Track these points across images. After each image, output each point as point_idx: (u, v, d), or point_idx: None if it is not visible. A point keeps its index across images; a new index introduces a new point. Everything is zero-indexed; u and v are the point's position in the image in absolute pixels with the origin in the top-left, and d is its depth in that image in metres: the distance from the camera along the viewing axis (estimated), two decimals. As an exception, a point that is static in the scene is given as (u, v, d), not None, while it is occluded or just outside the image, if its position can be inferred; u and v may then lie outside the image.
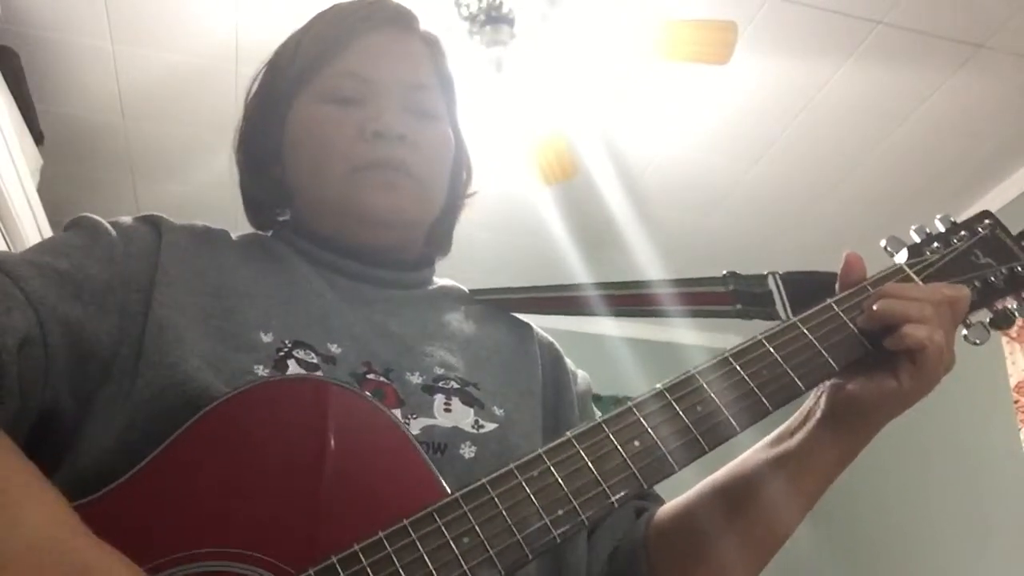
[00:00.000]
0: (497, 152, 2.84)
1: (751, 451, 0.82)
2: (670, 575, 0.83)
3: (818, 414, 0.78)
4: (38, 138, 2.64)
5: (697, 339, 3.63)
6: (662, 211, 3.35)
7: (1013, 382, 3.03)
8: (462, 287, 0.99)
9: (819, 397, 0.79)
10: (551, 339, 0.98)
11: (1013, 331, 3.05)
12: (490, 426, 0.79)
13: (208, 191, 2.71)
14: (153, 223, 0.84)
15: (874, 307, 0.76)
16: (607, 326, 3.68)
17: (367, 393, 0.73)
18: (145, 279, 0.77)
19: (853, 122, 2.94)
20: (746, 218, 3.42)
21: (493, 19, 2.31)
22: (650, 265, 3.14)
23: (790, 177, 3.21)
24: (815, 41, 2.62)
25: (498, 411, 0.81)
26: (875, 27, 2.57)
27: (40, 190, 2.52)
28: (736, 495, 0.81)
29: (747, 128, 2.98)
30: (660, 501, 0.90)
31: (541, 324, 0.99)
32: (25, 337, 0.67)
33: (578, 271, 3.14)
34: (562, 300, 0.95)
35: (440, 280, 0.99)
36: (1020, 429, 2.98)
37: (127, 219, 0.84)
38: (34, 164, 2.59)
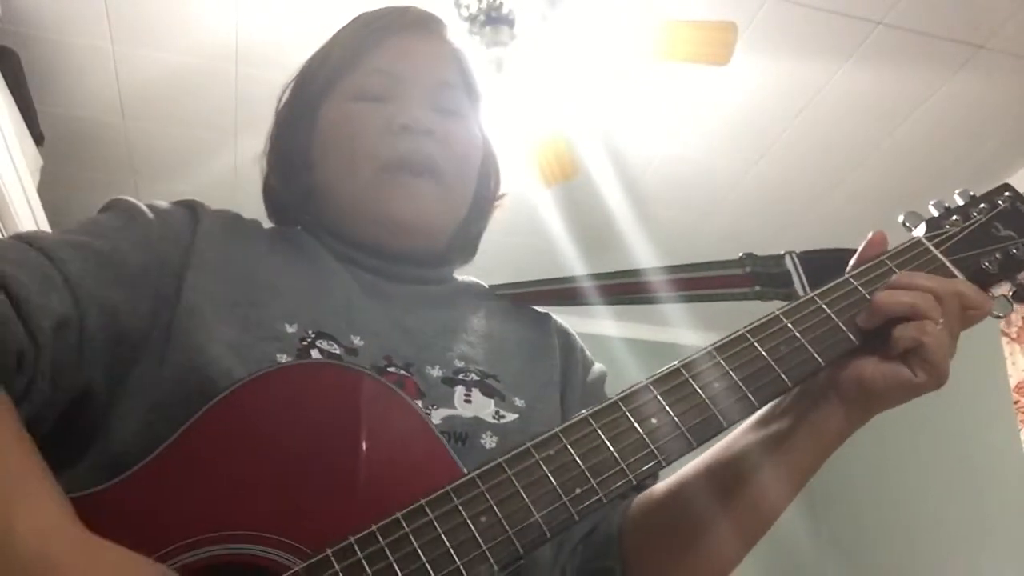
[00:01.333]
0: (497, 153, 2.84)
1: (738, 432, 0.81)
2: (649, 562, 0.82)
3: (818, 392, 0.77)
4: (38, 139, 2.64)
5: (697, 339, 3.63)
6: (662, 211, 3.35)
7: (1013, 382, 3.03)
8: (482, 283, 1.00)
9: (814, 384, 0.77)
10: (567, 327, 0.99)
11: (1013, 332, 3.05)
12: (511, 416, 0.80)
13: (209, 191, 2.71)
14: (190, 207, 0.86)
15: (875, 300, 0.74)
16: (608, 327, 3.68)
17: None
18: (179, 263, 0.78)
19: (853, 122, 2.94)
20: (746, 218, 3.42)
21: (493, 20, 2.31)
22: (650, 266, 3.13)
23: (790, 177, 3.21)
24: (815, 42, 2.62)
25: (519, 402, 0.82)
26: (875, 28, 2.57)
27: (40, 191, 2.52)
28: (725, 477, 0.80)
29: (747, 128, 2.98)
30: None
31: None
32: (61, 320, 0.67)
33: (579, 272, 3.14)
34: (580, 290, 0.95)
35: (461, 277, 1.00)
36: (1020, 430, 2.98)
37: (164, 203, 0.85)
38: (34, 165, 2.59)
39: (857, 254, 0.80)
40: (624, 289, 0.93)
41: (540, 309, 0.98)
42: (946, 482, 3.27)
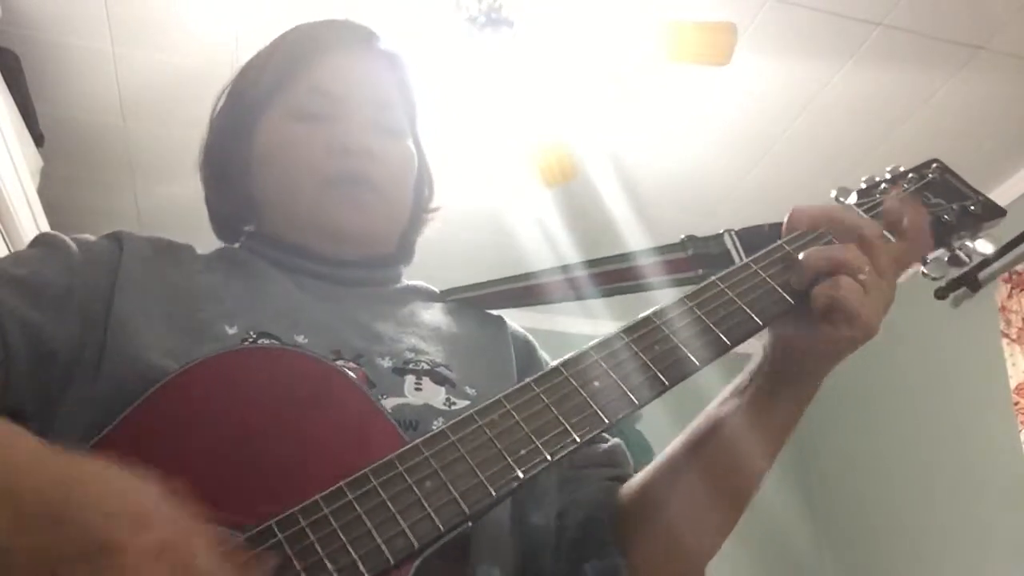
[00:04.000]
0: (497, 155, 2.84)
1: (710, 406, 0.82)
2: (642, 545, 0.82)
3: (764, 367, 0.78)
4: (38, 140, 2.64)
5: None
6: (662, 213, 3.35)
7: (1013, 384, 3.03)
8: (431, 287, 1.01)
9: (763, 350, 0.79)
10: (525, 333, 0.99)
11: (1013, 333, 3.05)
12: (462, 403, 0.80)
13: (208, 193, 2.70)
14: (114, 236, 0.86)
15: (802, 258, 0.75)
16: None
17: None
18: (106, 286, 0.78)
19: (854, 123, 2.94)
20: (746, 219, 3.38)
21: (493, 21, 2.31)
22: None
23: (790, 178, 3.21)
24: (815, 42, 2.62)
25: (470, 390, 0.82)
26: (875, 29, 2.57)
27: (40, 192, 2.52)
28: (696, 454, 0.80)
29: (747, 129, 2.98)
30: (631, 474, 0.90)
31: (518, 324, 0.99)
32: None
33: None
34: (532, 289, 0.95)
35: (409, 280, 1.01)
36: (1020, 431, 2.98)
37: (89, 236, 0.86)
38: (34, 166, 2.59)
39: (784, 229, 0.81)
40: (574, 283, 0.93)
41: (494, 313, 0.98)
42: (946, 483, 3.27)
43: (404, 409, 0.77)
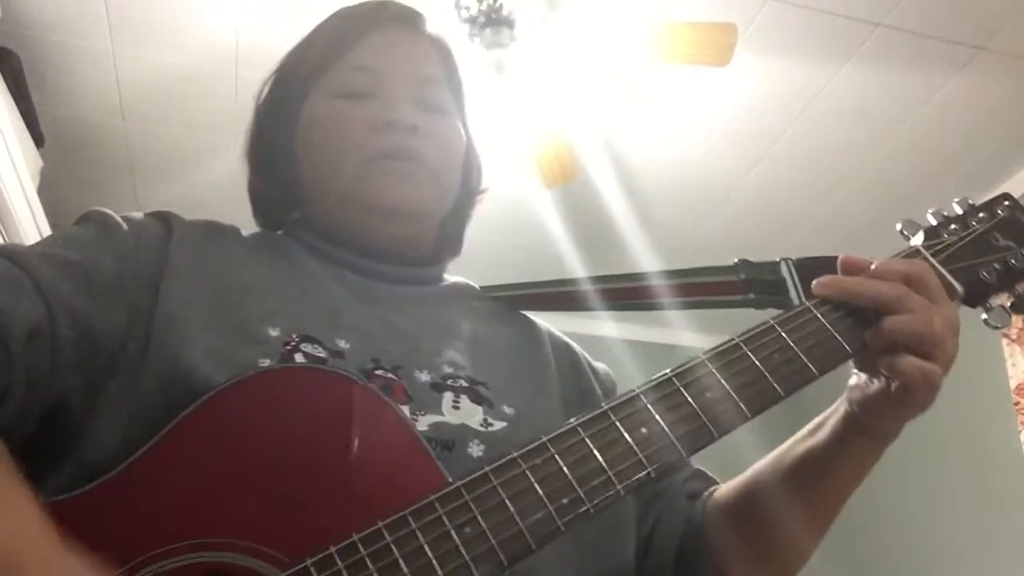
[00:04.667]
0: (498, 154, 2.84)
1: (787, 443, 0.82)
2: (735, 559, 0.83)
3: (842, 410, 0.77)
4: (38, 140, 2.64)
5: (699, 341, 3.62)
6: (663, 213, 3.35)
7: (1013, 384, 3.03)
8: (474, 284, 0.98)
9: (847, 390, 0.77)
10: (565, 339, 0.97)
11: (1013, 333, 3.05)
12: (499, 424, 0.78)
13: (208, 193, 2.71)
14: (164, 218, 0.85)
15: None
16: (608, 328, 3.68)
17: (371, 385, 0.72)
18: (154, 274, 0.77)
19: (853, 124, 2.94)
20: (747, 220, 3.42)
21: (493, 21, 2.31)
22: (651, 267, 3.13)
23: (790, 179, 3.21)
24: (815, 43, 2.62)
25: (508, 410, 0.80)
26: (875, 29, 2.57)
27: (40, 192, 2.52)
28: (767, 491, 0.81)
29: (747, 130, 2.98)
30: (710, 480, 0.90)
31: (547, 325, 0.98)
32: (34, 327, 0.66)
33: (579, 274, 3.13)
34: (573, 295, 0.94)
35: (451, 277, 0.99)
36: (1020, 431, 2.98)
37: (138, 214, 0.84)
38: (34, 166, 2.59)
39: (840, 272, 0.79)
40: (618, 294, 0.92)
41: (534, 319, 0.97)
42: (946, 484, 3.27)
43: (441, 427, 0.75)
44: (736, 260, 0.85)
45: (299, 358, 0.75)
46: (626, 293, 0.92)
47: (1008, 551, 2.98)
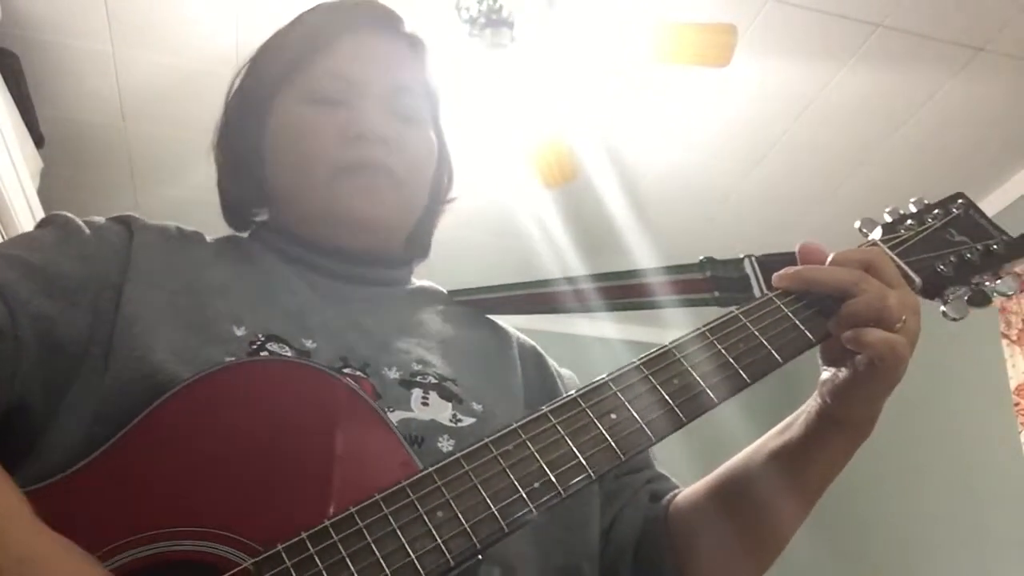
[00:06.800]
0: (497, 155, 2.84)
1: (760, 440, 0.82)
2: (696, 563, 0.83)
3: (814, 404, 0.78)
4: (38, 141, 2.64)
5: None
6: (662, 214, 3.35)
7: (1013, 385, 3.03)
8: (440, 288, 0.98)
9: (818, 386, 0.79)
10: (532, 343, 0.97)
11: (1013, 334, 3.05)
12: (468, 420, 0.79)
13: (209, 194, 2.69)
14: (125, 222, 0.84)
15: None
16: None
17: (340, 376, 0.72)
18: (116, 276, 0.77)
19: (853, 125, 2.94)
20: (747, 221, 3.42)
21: (493, 22, 2.31)
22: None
23: (791, 180, 3.21)
24: (815, 44, 2.62)
25: (476, 406, 0.81)
26: (875, 30, 2.57)
27: (40, 193, 2.52)
28: (739, 486, 0.81)
29: (747, 131, 2.98)
30: (673, 484, 0.90)
31: (526, 324, 0.98)
32: None
33: (578, 275, 3.14)
34: (542, 297, 0.94)
35: (419, 281, 0.99)
36: (1020, 432, 2.98)
37: (100, 219, 0.84)
38: (34, 167, 2.59)
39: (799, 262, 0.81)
40: (586, 295, 0.92)
41: (501, 323, 0.96)
42: (946, 484, 3.27)
43: (410, 423, 0.76)
44: (702, 258, 0.86)
45: (264, 356, 0.75)
46: (595, 294, 0.92)
47: (1008, 551, 2.98)
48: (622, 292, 0.90)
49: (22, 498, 0.59)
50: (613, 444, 0.65)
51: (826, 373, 0.77)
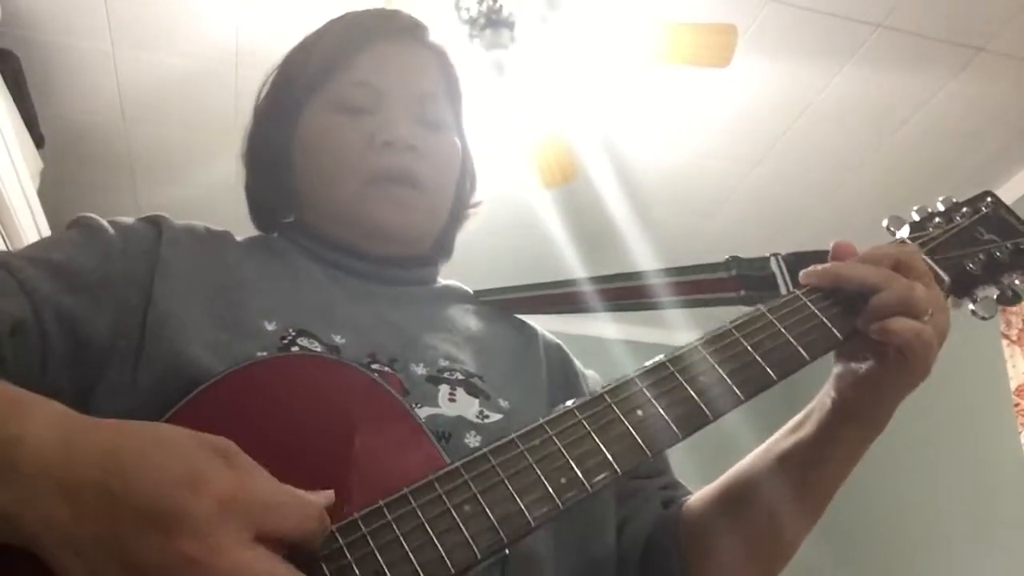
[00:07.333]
0: (497, 155, 2.84)
1: (769, 441, 0.82)
2: (705, 565, 0.83)
3: (828, 401, 0.78)
4: (38, 141, 2.64)
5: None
6: (663, 214, 3.35)
7: (1013, 385, 3.03)
8: (466, 288, 0.99)
9: (830, 381, 0.78)
10: (558, 341, 0.98)
11: (1013, 334, 3.05)
12: (495, 416, 0.79)
13: (209, 194, 2.71)
14: (154, 222, 0.85)
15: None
16: (607, 329, 3.68)
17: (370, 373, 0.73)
18: (144, 274, 0.78)
19: (853, 125, 2.94)
20: (747, 221, 3.42)
21: (493, 22, 2.31)
22: (650, 268, 3.14)
23: (791, 180, 3.21)
24: (815, 44, 2.62)
25: (503, 403, 0.81)
26: (875, 30, 2.57)
27: (41, 193, 2.52)
28: (750, 491, 0.81)
29: (747, 131, 2.98)
30: (686, 491, 0.91)
31: (543, 326, 0.98)
32: (17, 323, 0.68)
33: (578, 275, 3.14)
34: (566, 297, 0.94)
35: (444, 280, 1.00)
36: (1020, 432, 2.98)
37: (128, 219, 0.85)
38: (34, 167, 2.59)
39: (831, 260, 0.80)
40: (611, 294, 0.92)
41: (527, 321, 0.97)
42: (946, 485, 3.27)
43: (437, 419, 0.76)
44: (727, 257, 0.86)
45: (295, 352, 0.76)
46: (619, 293, 0.92)
47: (1008, 551, 2.98)
48: (648, 292, 0.90)
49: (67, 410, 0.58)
50: (639, 440, 0.65)
51: (842, 367, 0.77)
